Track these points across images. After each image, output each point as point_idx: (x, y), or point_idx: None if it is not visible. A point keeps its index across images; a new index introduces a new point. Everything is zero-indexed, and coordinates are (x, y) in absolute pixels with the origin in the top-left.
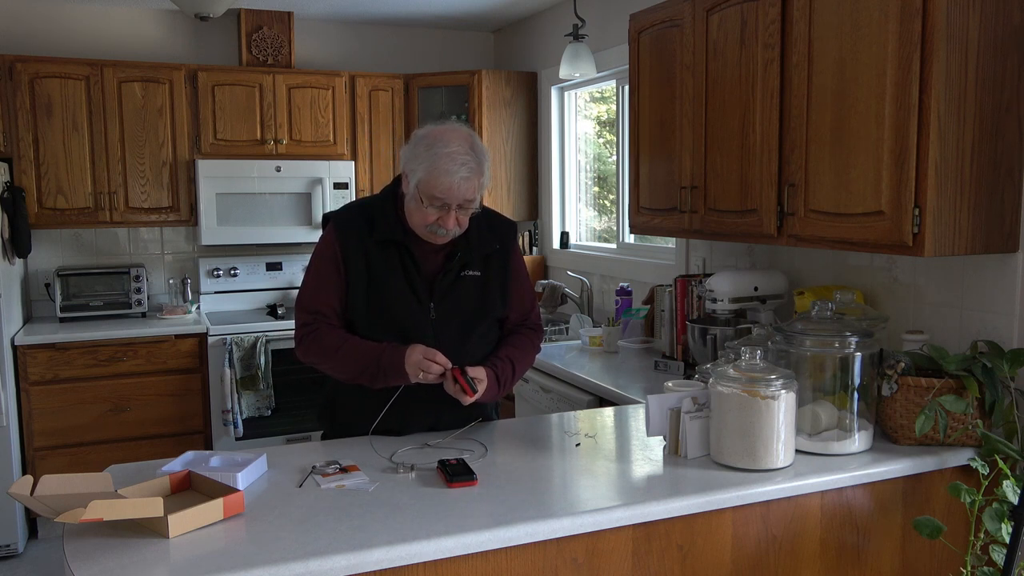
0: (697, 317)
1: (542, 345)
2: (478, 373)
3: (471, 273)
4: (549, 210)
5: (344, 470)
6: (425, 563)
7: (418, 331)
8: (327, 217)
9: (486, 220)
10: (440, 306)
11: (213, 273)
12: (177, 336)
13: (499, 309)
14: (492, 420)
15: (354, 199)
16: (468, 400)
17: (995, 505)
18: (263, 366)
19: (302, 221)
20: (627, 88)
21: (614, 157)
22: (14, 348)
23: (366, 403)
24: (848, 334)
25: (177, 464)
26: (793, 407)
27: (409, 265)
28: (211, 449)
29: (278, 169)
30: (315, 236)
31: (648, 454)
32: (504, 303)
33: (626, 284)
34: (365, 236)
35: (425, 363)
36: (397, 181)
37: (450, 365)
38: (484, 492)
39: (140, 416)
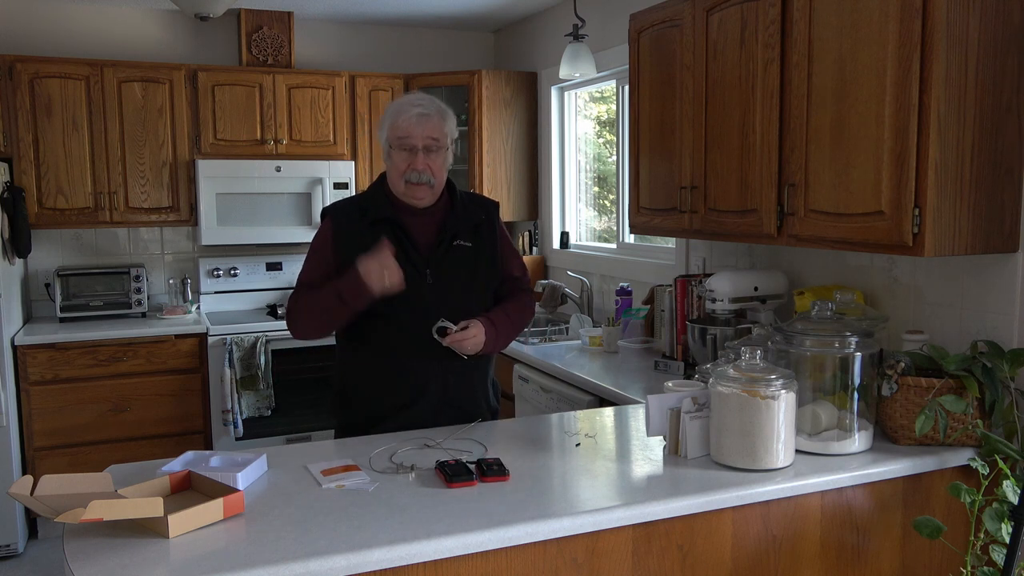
0: (697, 317)
1: (546, 346)
2: (470, 331)
3: (462, 243)
4: (549, 210)
5: (344, 470)
6: (425, 563)
7: (416, 296)
8: (325, 211)
9: (469, 197)
10: (435, 272)
11: (213, 273)
12: (177, 336)
13: (491, 276)
14: (495, 417)
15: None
16: (471, 337)
17: (995, 505)
18: (263, 366)
19: (302, 221)
20: (627, 88)
21: (614, 157)
22: (14, 348)
23: (378, 391)
24: (848, 334)
25: (177, 464)
26: (793, 407)
27: (403, 239)
28: (211, 449)
29: (278, 169)
30: None
31: (648, 454)
32: (494, 268)
33: (626, 284)
34: (357, 220)
35: (378, 267)
36: (384, 174)
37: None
38: (484, 492)
39: (140, 416)
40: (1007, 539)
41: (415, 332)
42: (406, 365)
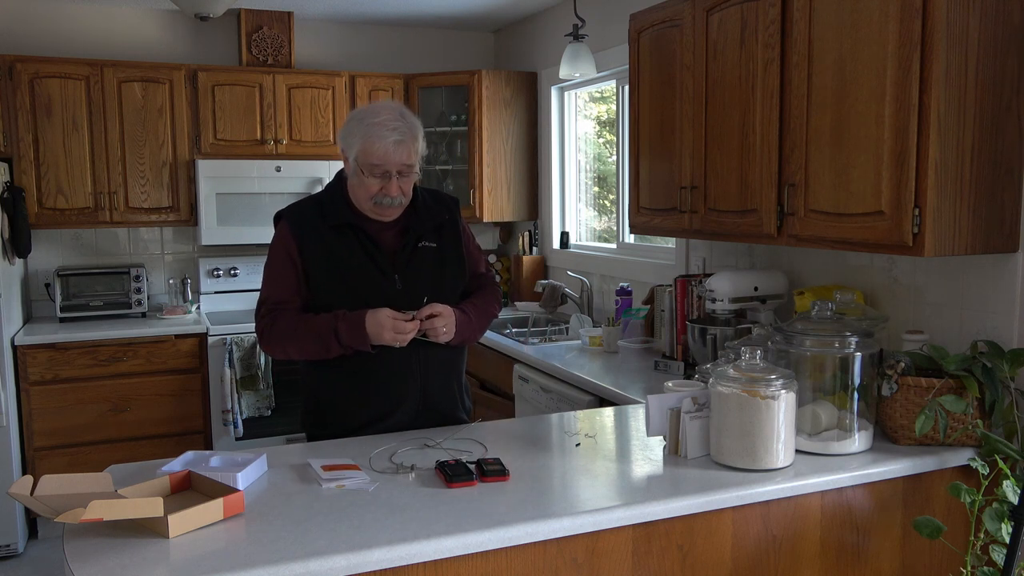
0: (697, 317)
1: (546, 346)
2: (432, 309)
3: (427, 244)
4: (549, 210)
5: (345, 468)
6: (425, 563)
7: (387, 302)
8: (279, 215)
9: (430, 195)
10: (404, 276)
11: (213, 273)
12: (177, 336)
13: (459, 274)
14: (470, 418)
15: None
16: (440, 323)
17: (995, 505)
18: (263, 366)
19: None
20: (627, 88)
21: (614, 157)
22: (14, 348)
23: (355, 404)
24: (848, 334)
25: (177, 464)
26: (793, 407)
27: (368, 244)
28: (211, 449)
29: (278, 169)
30: None
31: (648, 454)
32: (462, 267)
33: (626, 284)
34: (319, 224)
35: (401, 338)
36: (341, 174)
37: (418, 325)
38: (484, 492)
39: (140, 416)
40: (1007, 539)
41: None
42: (383, 374)
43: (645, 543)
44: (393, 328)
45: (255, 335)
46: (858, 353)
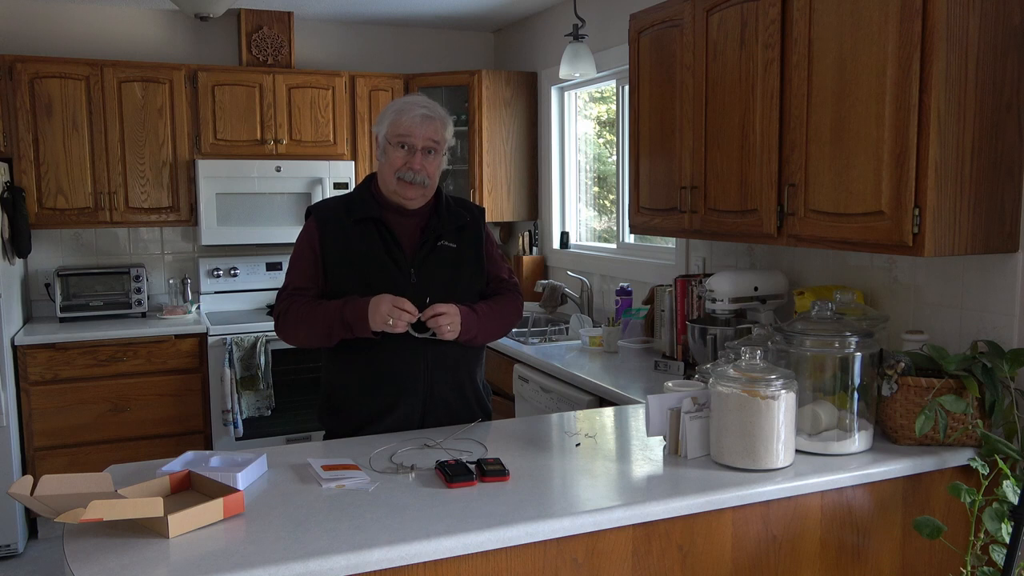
0: (697, 317)
1: (546, 346)
2: (435, 310)
3: (447, 244)
4: (549, 210)
5: (345, 468)
6: (425, 563)
7: (401, 296)
8: (309, 210)
9: (455, 201)
10: (420, 272)
11: (213, 273)
12: (177, 336)
13: (476, 277)
14: (490, 419)
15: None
16: (445, 322)
17: (995, 505)
18: (263, 366)
19: (302, 221)
20: (627, 88)
21: (614, 157)
22: (14, 348)
23: (363, 394)
24: (848, 334)
25: (177, 464)
26: (793, 407)
27: (388, 239)
28: (211, 449)
29: (278, 169)
30: None
31: (648, 454)
32: (480, 269)
33: (626, 284)
34: (343, 217)
35: (396, 312)
36: (371, 175)
37: (418, 312)
38: (484, 492)
39: (140, 416)
40: (1007, 539)
41: (400, 333)
42: (392, 366)
43: (645, 543)
44: (388, 312)
45: (255, 335)
46: (858, 353)
